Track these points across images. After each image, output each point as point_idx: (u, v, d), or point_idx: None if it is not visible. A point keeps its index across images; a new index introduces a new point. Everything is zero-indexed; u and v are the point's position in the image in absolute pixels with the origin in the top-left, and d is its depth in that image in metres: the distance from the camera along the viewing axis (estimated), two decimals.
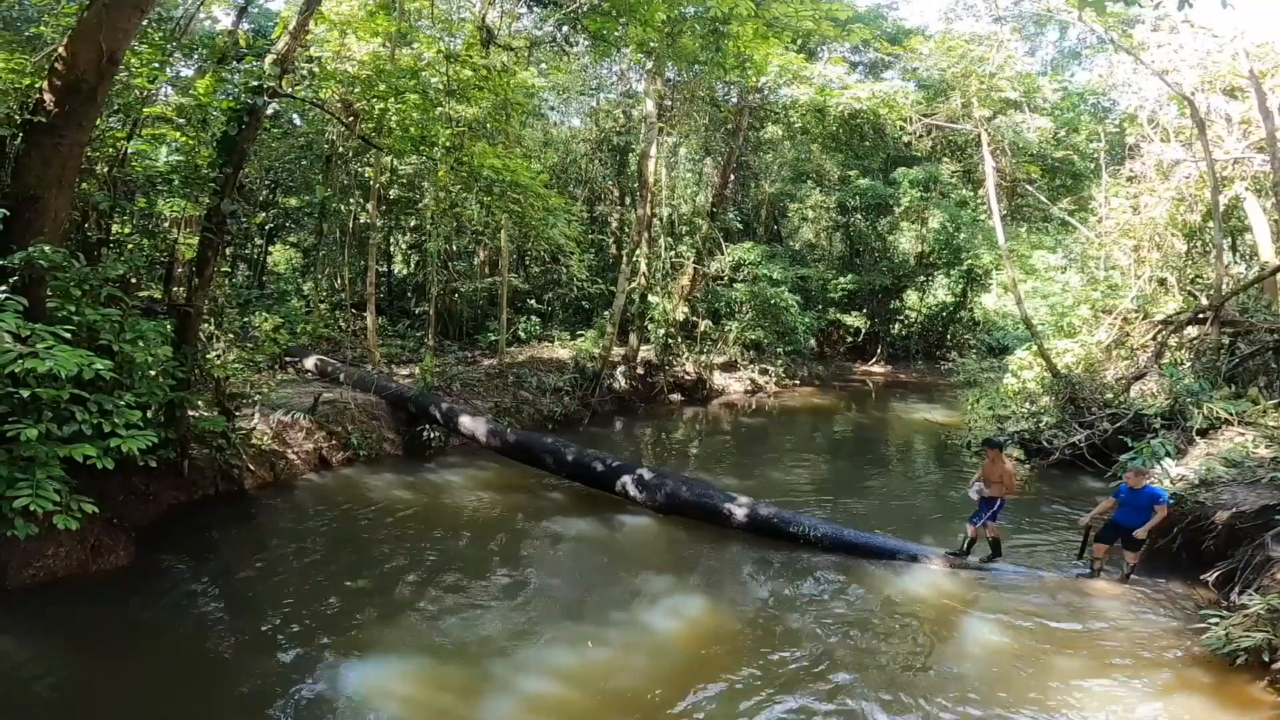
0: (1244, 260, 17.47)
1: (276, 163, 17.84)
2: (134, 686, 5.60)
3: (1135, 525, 7.64)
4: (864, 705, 5.59)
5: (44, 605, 6.55)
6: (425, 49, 10.42)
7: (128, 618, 6.53)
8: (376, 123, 10.93)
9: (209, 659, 6.02)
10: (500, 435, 11.86)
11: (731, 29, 13.02)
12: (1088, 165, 21.77)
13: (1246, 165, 15.78)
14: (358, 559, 8.08)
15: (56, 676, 5.61)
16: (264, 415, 10.89)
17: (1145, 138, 17.56)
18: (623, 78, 22.89)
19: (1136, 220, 16.81)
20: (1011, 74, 19.19)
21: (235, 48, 8.81)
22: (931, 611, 7.22)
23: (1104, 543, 8.02)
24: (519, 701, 5.66)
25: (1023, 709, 5.52)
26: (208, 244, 8.77)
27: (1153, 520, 7.58)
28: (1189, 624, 6.75)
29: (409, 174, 17.68)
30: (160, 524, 8.43)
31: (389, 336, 18.50)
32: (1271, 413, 11.07)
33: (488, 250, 20.70)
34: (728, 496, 9.54)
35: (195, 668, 5.89)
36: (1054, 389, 14.39)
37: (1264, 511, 7.64)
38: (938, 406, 19.96)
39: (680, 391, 19.42)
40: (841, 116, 20.43)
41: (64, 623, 6.32)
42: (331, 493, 10.32)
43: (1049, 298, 22.28)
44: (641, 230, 18.42)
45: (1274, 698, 5.55)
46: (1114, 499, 7.93)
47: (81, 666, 5.76)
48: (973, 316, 28.44)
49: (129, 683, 5.63)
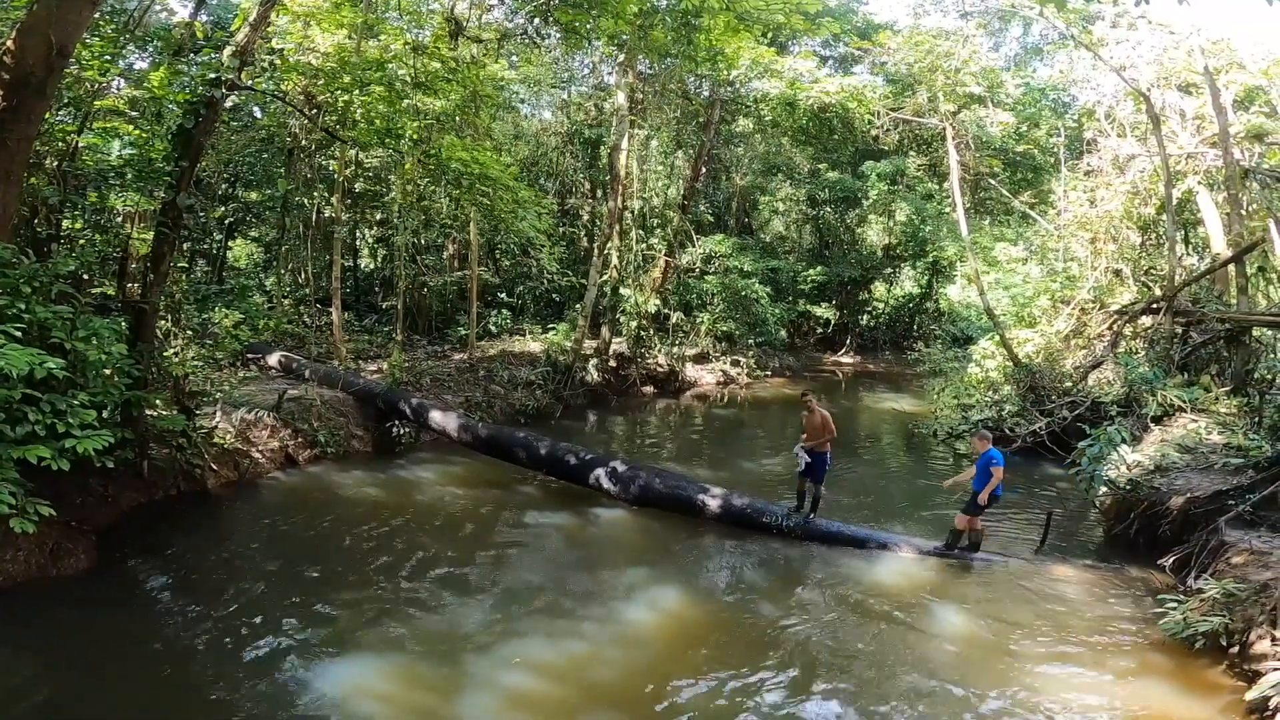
0: (1196, 252, 18.04)
1: (236, 156, 17.39)
2: (99, 691, 5.45)
3: (976, 489, 7.97)
4: (836, 693, 5.69)
5: (2, 610, 6.33)
6: (392, 41, 10.21)
7: (91, 622, 6.36)
8: (341, 115, 10.71)
9: (177, 662, 5.89)
10: (472, 430, 11.77)
11: (703, 22, 13.01)
12: (1048, 159, 22.31)
13: (1199, 160, 16.30)
14: (327, 557, 7.96)
15: (18, 679, 5.44)
16: (226, 413, 10.66)
17: (1103, 133, 18.05)
18: (594, 71, 22.75)
19: (1093, 213, 17.29)
20: (976, 69, 19.56)
21: (192, 40, 8.56)
22: (902, 599, 7.38)
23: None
24: (498, 696, 5.65)
25: (991, 695, 5.64)
26: (163, 239, 8.55)
27: (990, 484, 7.87)
28: (1148, 609, 6.94)
29: (375, 167, 17.37)
30: (121, 526, 8.21)
31: (356, 332, 18.20)
32: (1223, 400, 11.52)
33: (457, 243, 20.44)
34: (701, 488, 9.62)
35: (163, 671, 5.76)
36: (1015, 378, 14.77)
37: (1217, 496, 7.92)
38: (905, 396, 20.33)
39: (653, 384, 19.47)
40: (811, 110, 20.64)
41: (25, 628, 6.13)
42: (299, 491, 10.15)
43: (1010, 289, 22.82)
44: (613, 223, 18.37)
45: (1233, 682, 5.68)
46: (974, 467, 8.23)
47: (43, 672, 5.59)
48: (938, 307, 29.01)
49: (93, 688, 5.48)
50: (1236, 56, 16.70)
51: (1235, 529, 7.31)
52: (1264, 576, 6.22)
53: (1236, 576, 6.44)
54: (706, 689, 5.72)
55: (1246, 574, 6.43)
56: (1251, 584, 6.18)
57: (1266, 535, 7.09)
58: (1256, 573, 6.36)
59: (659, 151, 20.57)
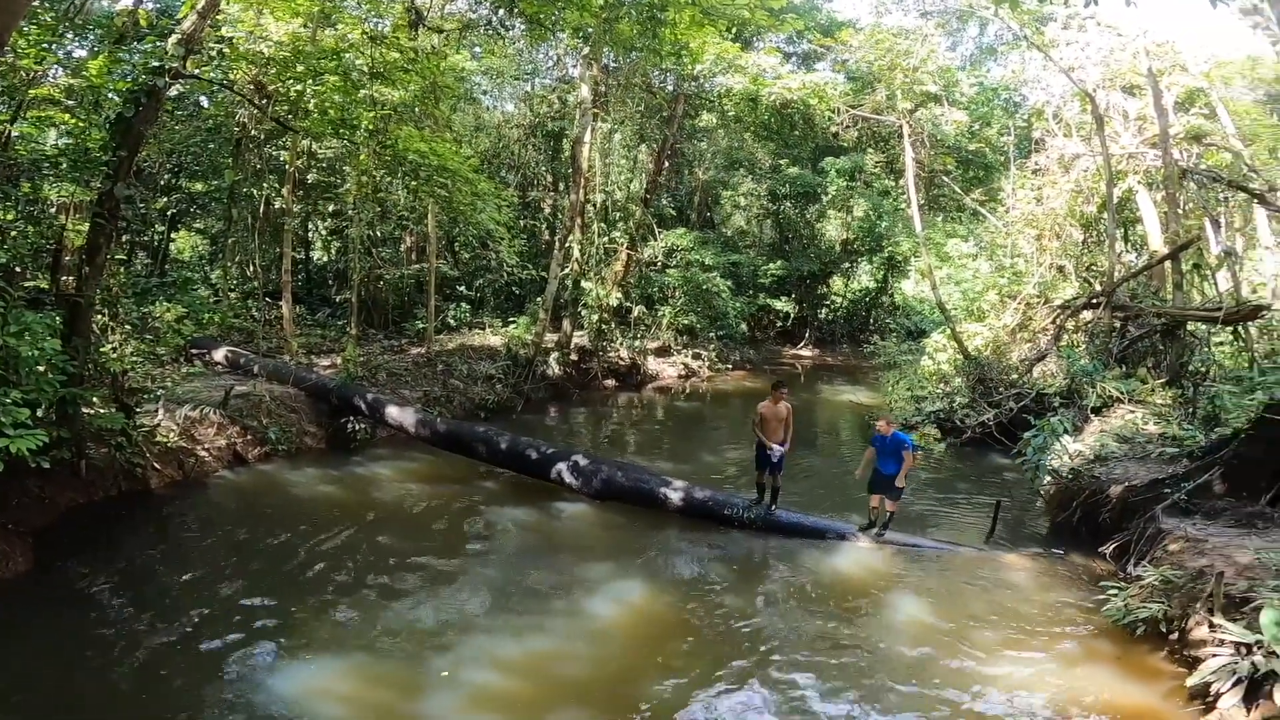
0: (1135, 250, 18.83)
1: (180, 145, 16.75)
2: (40, 698, 5.22)
3: (893, 473, 8.21)
4: (799, 685, 5.77)
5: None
6: (350, 30, 9.92)
7: (29, 623, 6.11)
8: (293, 105, 10.37)
9: (120, 665, 5.67)
10: (430, 425, 11.59)
11: (669, 16, 12.97)
12: (998, 158, 22.95)
13: (1140, 160, 16.98)
14: (280, 557, 7.76)
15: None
16: (169, 411, 10.30)
17: (1050, 132, 18.65)
18: (559, 63, 22.56)
19: (1039, 211, 17.88)
20: (934, 68, 20.01)
21: (136, 28, 8.21)
22: (860, 588, 7.55)
23: (875, 493, 8.51)
24: (463, 694, 5.60)
25: (946, 684, 5.78)
26: (99, 230, 8.23)
27: (904, 467, 8.16)
28: (1092, 596, 7.16)
29: (329, 158, 16.90)
30: (60, 527, 7.89)
31: (308, 326, 17.74)
32: (1159, 391, 12.05)
33: (414, 236, 20.07)
34: (663, 481, 9.66)
35: (109, 678, 5.53)
36: (965, 370, 15.22)
37: (1154, 485, 8.25)
38: (861, 388, 20.75)
39: (614, 377, 19.47)
40: (774, 106, 20.85)
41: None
42: (249, 489, 9.88)
43: (962, 284, 23.45)
44: (575, 216, 18.26)
45: (1174, 668, 5.87)
46: (872, 449, 8.46)
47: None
48: (893, 301, 29.66)
49: (35, 695, 5.24)
50: (1180, 59, 17.42)
51: (1171, 517, 7.61)
52: (1199, 563, 6.47)
53: (1173, 563, 6.68)
54: (671, 683, 5.76)
55: (1183, 561, 6.67)
56: (1188, 571, 6.42)
57: (1201, 522, 7.42)
58: (1192, 560, 6.62)
59: (622, 145, 20.53)
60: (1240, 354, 13.03)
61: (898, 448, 8.24)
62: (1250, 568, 6.24)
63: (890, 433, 8.35)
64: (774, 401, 8.81)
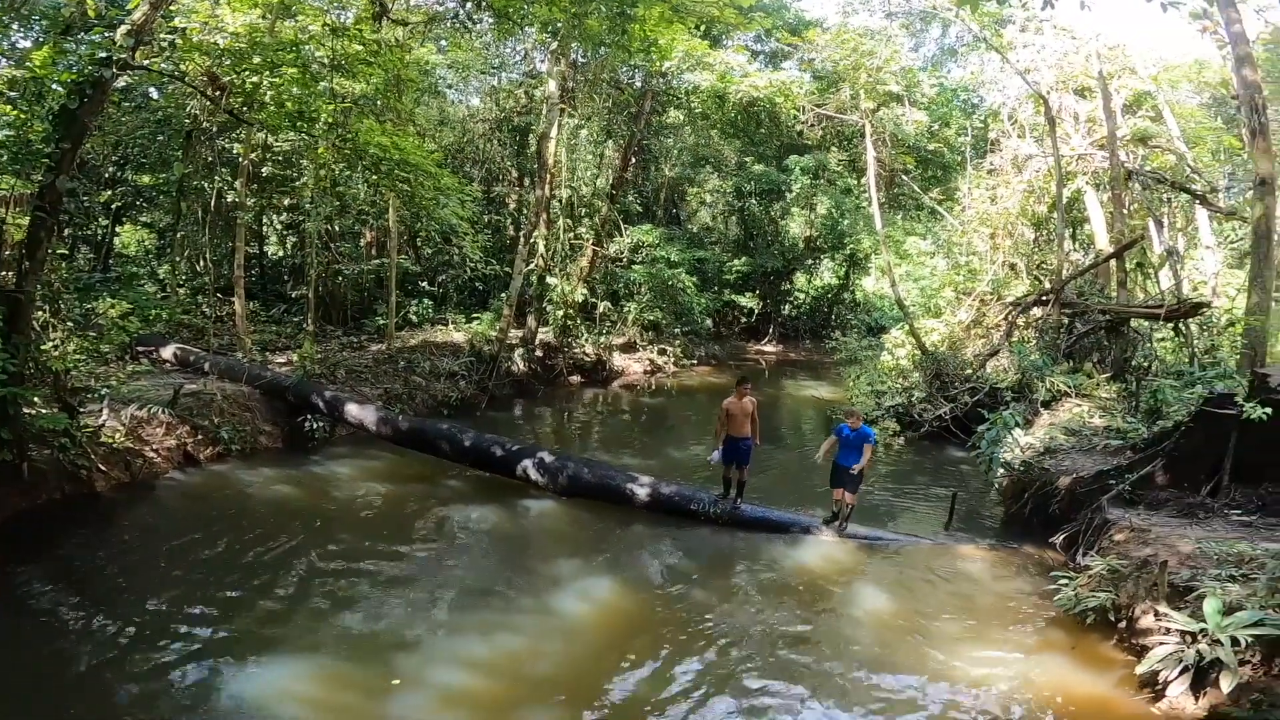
0: (1083, 248, 19.47)
1: (127, 137, 16.11)
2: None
3: (855, 464, 8.39)
4: (767, 678, 5.86)
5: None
6: (311, 22, 9.65)
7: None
8: (248, 97, 10.05)
9: (69, 675, 5.46)
10: (392, 423, 11.42)
11: (639, 12, 12.91)
12: (955, 158, 23.51)
13: (1089, 161, 17.59)
14: (235, 558, 7.57)
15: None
16: (115, 410, 9.95)
17: (1005, 133, 19.19)
18: (526, 58, 22.32)
19: (993, 210, 18.40)
20: (896, 68, 20.39)
21: (83, 18, 7.89)
22: (825, 581, 7.70)
23: (838, 486, 8.66)
24: (432, 695, 5.55)
25: (909, 676, 5.91)
26: (40, 223, 7.91)
27: (863, 459, 8.37)
28: (1044, 585, 7.37)
29: (285, 151, 16.44)
30: (2, 531, 7.55)
31: (262, 323, 17.25)
32: (1104, 385, 12.52)
33: (375, 231, 19.67)
34: (630, 477, 9.69)
35: (53, 686, 5.32)
36: (923, 365, 15.59)
37: (1100, 476, 8.54)
38: (824, 383, 21.09)
39: (580, 373, 19.43)
40: (740, 104, 21.04)
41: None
42: (201, 491, 9.60)
43: (920, 281, 24.06)
44: (540, 211, 18.13)
45: (1124, 656, 6.06)
46: (834, 438, 8.62)
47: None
48: (854, 298, 30.20)
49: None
50: (1129, 62, 18.07)
51: (1117, 507, 7.91)
52: (1144, 552, 6.72)
53: (1119, 553, 6.92)
54: (640, 679, 5.80)
55: (1128, 550, 6.92)
56: (1133, 560, 6.66)
57: (1144, 512, 7.74)
58: (1137, 549, 6.87)
59: (589, 141, 20.43)
60: (1181, 349, 13.60)
61: (861, 441, 8.41)
62: (1192, 556, 6.50)
63: (859, 426, 8.50)
64: (739, 397, 8.92)
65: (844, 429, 8.55)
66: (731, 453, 8.89)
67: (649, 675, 5.86)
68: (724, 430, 8.88)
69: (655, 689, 5.67)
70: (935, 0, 18.88)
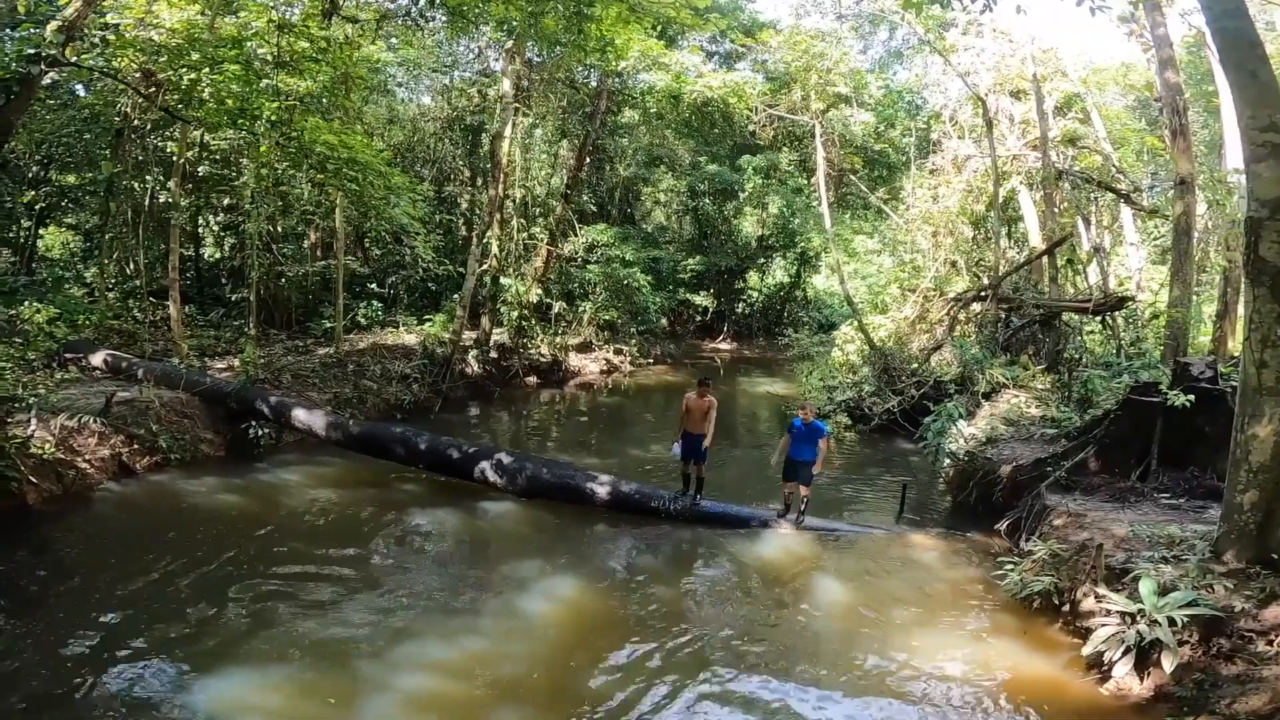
0: (1018, 246, 20.34)
1: (51, 135, 15.28)
2: None
3: (809, 459, 8.63)
4: (732, 672, 5.95)
5: None
6: (254, 18, 9.32)
7: None
8: (185, 94, 9.64)
9: (14, 697, 5.15)
10: (342, 428, 11.15)
11: (595, 11, 12.86)
12: (900, 158, 24.24)
13: (1023, 161, 18.38)
14: (185, 569, 7.27)
15: None
16: (44, 420, 9.46)
17: (946, 135, 19.89)
18: (480, 56, 21.99)
19: (935, 209, 19.06)
20: (846, 70, 20.89)
21: (12, 14, 7.50)
22: (784, 574, 7.87)
23: (790, 480, 8.93)
24: (398, 700, 5.47)
25: (868, 664, 6.08)
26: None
27: (821, 454, 8.65)
28: (992, 572, 7.64)
29: (223, 149, 15.83)
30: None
31: (199, 327, 16.58)
32: (1039, 376, 13.12)
33: (320, 231, 19.13)
34: (589, 476, 9.71)
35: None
36: (872, 360, 16.05)
37: (1038, 464, 8.94)
38: (778, 379, 21.49)
39: (536, 374, 19.31)
40: (695, 104, 21.23)
41: None
42: (139, 502, 9.21)
43: (868, 278, 24.72)
44: (493, 211, 17.94)
45: (1070, 639, 6.31)
46: (789, 434, 8.85)
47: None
48: (806, 295, 30.84)
49: None
50: (1061, 65, 18.93)
51: (1055, 493, 8.31)
52: (1081, 536, 7.07)
53: (1059, 538, 7.26)
54: (607, 677, 5.85)
55: (1067, 535, 7.27)
56: (1072, 544, 6.99)
57: (1080, 498, 8.14)
58: (1075, 533, 7.22)
59: (543, 140, 20.32)
60: (1108, 341, 14.36)
61: (815, 435, 8.62)
62: (1126, 540, 6.83)
63: (811, 420, 8.71)
64: (699, 396, 9.05)
65: (797, 423, 8.75)
66: (688, 449, 9.01)
67: (616, 671, 5.92)
68: (683, 425, 8.99)
69: (622, 685, 5.72)
70: (883, 3, 19.43)
